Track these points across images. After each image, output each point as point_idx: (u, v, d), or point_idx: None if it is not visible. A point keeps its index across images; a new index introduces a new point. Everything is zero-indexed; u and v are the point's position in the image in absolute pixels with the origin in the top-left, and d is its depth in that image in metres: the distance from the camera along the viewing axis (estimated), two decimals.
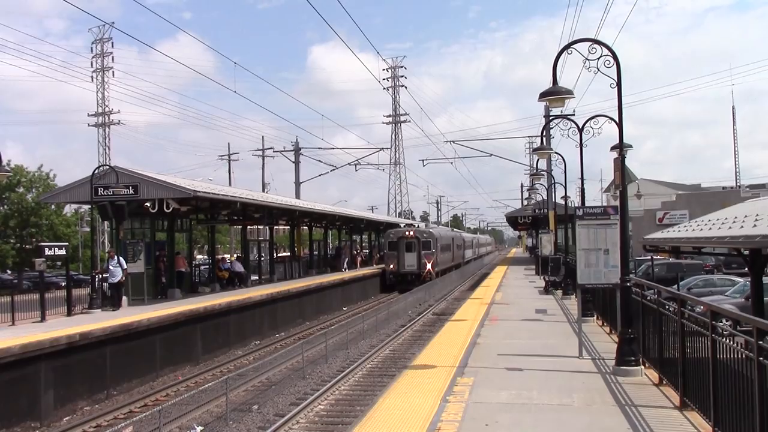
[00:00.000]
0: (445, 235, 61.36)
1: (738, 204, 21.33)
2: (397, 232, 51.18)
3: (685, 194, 71.16)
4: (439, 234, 55.36)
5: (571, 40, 12.52)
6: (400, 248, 49.74)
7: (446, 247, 58.75)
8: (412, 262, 49.64)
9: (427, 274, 49.33)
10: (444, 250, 56.96)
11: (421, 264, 49.49)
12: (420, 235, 50.52)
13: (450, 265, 61.12)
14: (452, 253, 63.69)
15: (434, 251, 50.48)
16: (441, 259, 54.18)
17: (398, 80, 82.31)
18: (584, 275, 13.06)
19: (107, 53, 65.21)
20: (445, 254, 57.40)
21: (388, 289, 49.30)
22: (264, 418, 14.84)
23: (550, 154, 28.03)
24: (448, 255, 60.14)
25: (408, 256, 49.76)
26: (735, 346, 7.08)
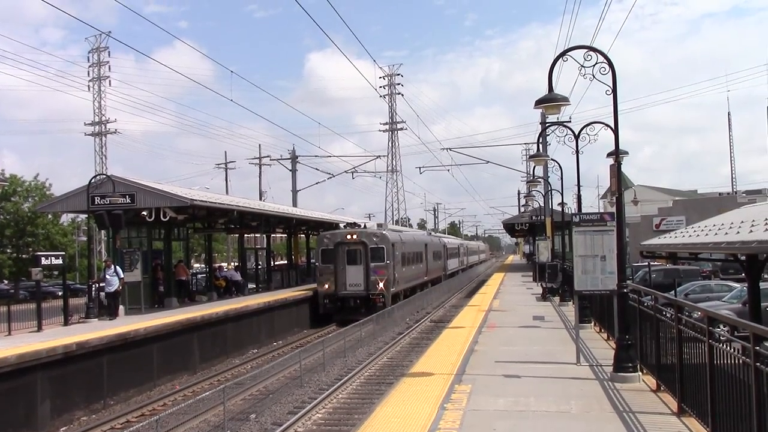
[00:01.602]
0: (410, 239, 44.56)
1: (734, 210, 21.37)
2: (333, 236, 35.91)
3: (681, 200, 71.30)
4: (399, 238, 39.36)
5: (567, 48, 12.57)
6: (338, 259, 34.89)
7: (413, 257, 43.20)
8: (357, 280, 34.97)
9: (379, 296, 34.73)
10: (409, 261, 41.58)
11: (370, 282, 34.84)
12: (368, 240, 35.31)
13: (421, 281, 46.46)
14: (424, 264, 47.91)
15: (390, 262, 35.48)
16: (403, 273, 39.25)
17: (395, 88, 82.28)
18: (581, 282, 13.05)
19: (104, 62, 65.20)
20: (410, 267, 42.07)
21: (321, 319, 34.76)
22: (262, 427, 14.79)
23: (547, 161, 28.14)
24: (416, 268, 44.57)
25: (351, 271, 35.03)
26: (732, 352, 7.08)
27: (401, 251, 38.43)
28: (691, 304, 11.39)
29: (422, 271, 47.01)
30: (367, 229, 37.44)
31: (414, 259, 43.45)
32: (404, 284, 39.67)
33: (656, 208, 66.30)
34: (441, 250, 57.57)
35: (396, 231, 43.65)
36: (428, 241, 51.64)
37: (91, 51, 64.76)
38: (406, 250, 40.69)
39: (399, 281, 37.69)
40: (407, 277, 40.93)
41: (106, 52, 64.90)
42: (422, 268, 46.90)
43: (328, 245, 35.33)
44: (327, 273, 34.95)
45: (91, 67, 65.13)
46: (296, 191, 61.59)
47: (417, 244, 46.44)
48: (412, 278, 43.00)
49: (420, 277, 46.01)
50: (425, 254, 48.21)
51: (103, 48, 64.41)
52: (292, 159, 61.70)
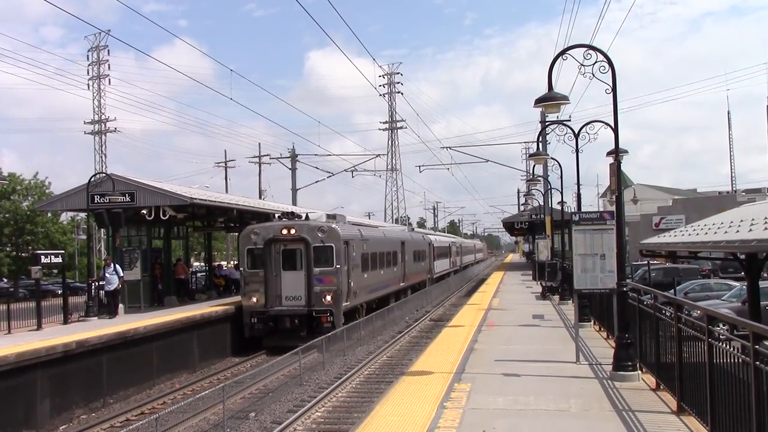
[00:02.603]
0: (377, 236, 34.92)
1: (734, 209, 21.37)
2: (263, 231, 26.42)
3: (681, 199, 71.28)
4: (357, 234, 29.91)
5: (567, 46, 12.56)
6: (270, 262, 25.66)
7: (381, 258, 33.94)
8: (295, 291, 25.75)
9: (326, 314, 25.30)
10: (374, 263, 32.18)
11: (314, 294, 25.38)
12: (311, 236, 25.79)
13: (395, 289, 37.56)
14: (400, 267, 38.81)
15: (342, 266, 26.20)
16: (364, 281, 29.91)
17: (394, 86, 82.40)
18: (581, 280, 13.06)
19: (103, 61, 65.18)
20: (376, 272, 32.61)
21: (248, 344, 25.85)
22: (261, 426, 14.79)
23: (547, 159, 28.13)
24: (386, 272, 35.16)
25: (287, 279, 25.97)
26: (732, 351, 7.08)
27: (361, 251, 29.25)
28: (691, 303, 11.40)
29: (396, 276, 37.77)
30: (310, 221, 26.94)
31: (383, 261, 34.07)
32: (366, 295, 30.20)
33: (656, 207, 66.32)
34: (425, 250, 48.99)
35: (356, 225, 34.21)
36: (406, 239, 42.28)
37: (91, 49, 64.76)
38: (370, 249, 31.17)
39: (357, 291, 28.18)
40: (371, 286, 31.09)
41: (105, 50, 64.91)
42: (396, 272, 37.69)
43: (256, 243, 25.96)
44: (255, 282, 25.74)
45: (91, 65, 65.14)
46: (296, 190, 61.53)
47: (388, 241, 36.70)
48: (380, 286, 33.47)
49: (393, 284, 36.79)
50: (401, 254, 39.23)
51: (103, 46, 64.42)
52: (291, 158, 61.64)
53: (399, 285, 38.63)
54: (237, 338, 25.94)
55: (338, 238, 26.20)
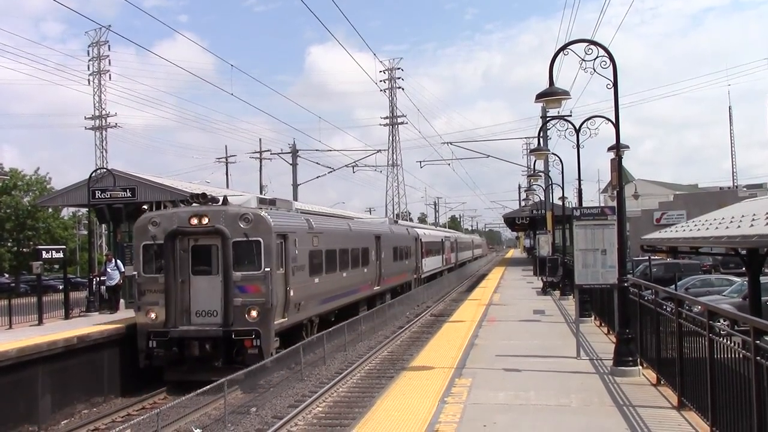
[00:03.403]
0: (333, 228, 26.52)
1: (735, 204, 21.36)
2: (166, 220, 19.34)
3: (682, 194, 71.27)
4: (302, 224, 22.32)
5: (568, 41, 12.55)
6: (174, 263, 18.73)
7: (343, 257, 26.55)
8: (210, 304, 18.93)
9: (250, 336, 18.35)
10: (331, 264, 24.75)
11: (233, 308, 18.37)
12: (230, 226, 18.78)
13: (364, 295, 30.46)
14: (373, 267, 31.66)
15: (276, 269, 19.16)
16: (314, 288, 22.61)
17: (395, 82, 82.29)
18: (582, 276, 13.08)
19: (104, 56, 65.20)
20: (335, 275, 25.20)
21: (146, 377, 19.00)
22: (262, 421, 14.81)
23: (548, 155, 28.14)
24: (350, 275, 27.41)
25: (197, 287, 19.15)
26: (732, 346, 7.09)
27: (309, 248, 21.91)
28: (692, 298, 11.38)
29: (368, 279, 30.43)
30: (228, 206, 19.35)
31: (346, 260, 26.71)
32: (318, 307, 23.05)
33: (657, 203, 66.31)
34: (410, 246, 41.71)
35: (307, 213, 26.41)
36: (383, 232, 34.32)
37: (91, 45, 64.79)
38: (325, 245, 23.75)
39: (303, 303, 20.97)
40: (327, 293, 23.82)
41: (106, 46, 64.93)
42: (367, 273, 30.11)
43: (155, 237, 18.91)
44: (153, 291, 18.76)
45: (91, 61, 65.15)
46: (297, 185, 61.52)
47: (354, 236, 28.85)
48: (341, 293, 25.86)
49: (363, 288, 29.66)
50: (375, 252, 31.81)
51: (103, 42, 64.42)
52: (292, 153, 61.61)
53: (372, 289, 31.50)
54: (130, 369, 18.88)
55: (268, 231, 18.63)
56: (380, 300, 33.35)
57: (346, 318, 25.21)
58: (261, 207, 20.49)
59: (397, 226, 42.52)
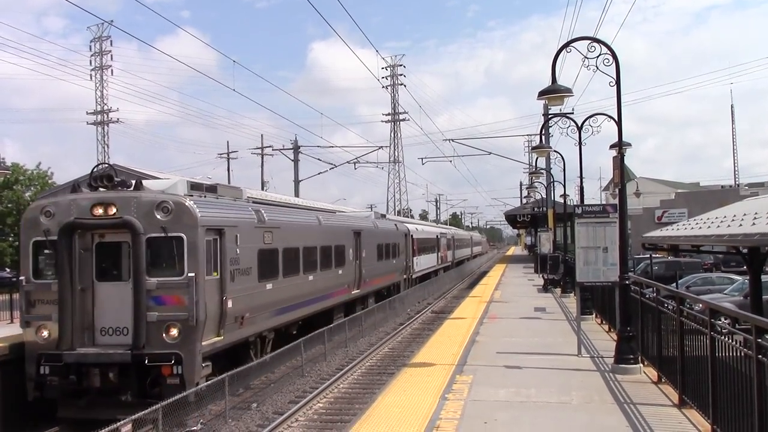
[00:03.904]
0: (293, 222, 21.10)
1: (737, 202, 21.36)
2: (64, 209, 14.61)
3: (684, 193, 71.24)
4: (244, 217, 16.97)
5: (571, 39, 12.54)
6: (69, 265, 14.12)
7: (297, 257, 20.53)
8: (118, 320, 14.29)
9: (169, 362, 13.73)
10: (286, 266, 19.34)
11: (145, 325, 13.72)
12: (143, 218, 14.14)
13: (336, 303, 25.15)
14: (352, 268, 27.26)
15: (200, 275, 14.18)
16: (262, 296, 17.44)
17: (397, 79, 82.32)
18: (583, 273, 13.08)
19: (106, 51, 65.22)
20: (290, 280, 19.65)
21: (35, 410, 14.58)
22: (263, 416, 14.82)
23: (549, 152, 28.10)
24: (317, 279, 22.41)
25: (103, 296, 14.55)
26: (734, 344, 7.09)
27: (259, 245, 17.36)
28: (693, 296, 11.40)
29: (344, 282, 25.69)
30: (142, 192, 14.92)
31: (313, 260, 21.92)
32: (271, 319, 18.28)
33: (658, 201, 66.28)
34: (399, 243, 37.37)
35: (260, 203, 20.90)
36: (364, 228, 29.71)
37: (94, 40, 64.81)
38: (281, 243, 18.82)
39: (249, 315, 16.52)
40: (284, 301, 19.07)
41: (108, 41, 64.94)
42: (343, 275, 25.52)
43: (47, 231, 14.67)
44: (44, 301, 14.62)
45: (93, 56, 65.19)
46: (298, 181, 61.52)
47: (324, 231, 23.65)
48: (307, 299, 20.99)
49: (337, 293, 24.78)
50: (354, 250, 27.26)
51: (106, 37, 64.47)
52: (294, 149, 61.58)
53: (350, 293, 26.81)
54: (18, 401, 14.51)
55: (194, 224, 14.13)
56: (362, 305, 29.10)
57: (316, 328, 21.21)
58: (192, 194, 15.40)
59: (384, 221, 37.21)
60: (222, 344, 15.20)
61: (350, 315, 25.91)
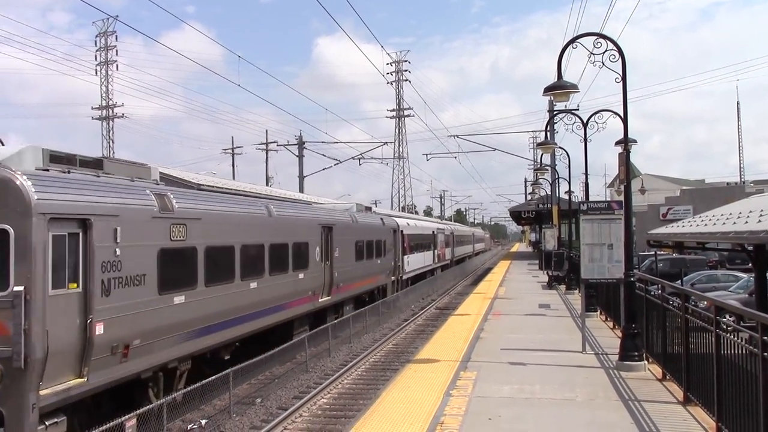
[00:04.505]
0: (222, 213, 15.52)
1: (742, 200, 21.31)
2: None
3: (689, 190, 71.02)
4: (134, 201, 12.06)
5: (577, 35, 12.51)
6: None
7: (231, 258, 15.63)
8: None
9: None
10: (214, 271, 14.56)
11: None
12: None
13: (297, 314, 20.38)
14: (319, 271, 22.02)
15: (39, 288, 9.58)
16: (157, 316, 12.31)
17: (402, 74, 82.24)
18: (588, 270, 13.08)
19: (111, 46, 65.19)
20: (221, 288, 14.90)
21: None
22: (267, 411, 14.85)
23: (554, 148, 28.07)
24: (265, 286, 17.39)
25: None
26: (739, 342, 7.08)
27: (159, 243, 12.64)
28: (699, 294, 11.38)
29: (305, 288, 20.76)
30: None
31: (254, 263, 17.10)
32: (179, 346, 13.37)
33: (663, 198, 66.13)
34: (385, 239, 32.46)
35: (177, 186, 17.83)
36: (335, 221, 24.42)
37: (99, 35, 64.75)
38: (200, 239, 14.14)
39: (132, 345, 11.60)
40: (202, 320, 14.16)
41: (113, 36, 64.90)
42: (304, 281, 20.52)
43: None
44: None
45: (99, 51, 65.14)
46: (303, 177, 61.56)
47: (273, 224, 18.61)
48: (242, 314, 16.30)
49: (292, 304, 19.70)
50: (322, 248, 22.41)
51: (111, 32, 64.38)
52: (298, 145, 61.62)
53: (317, 301, 21.95)
54: None
55: (26, 211, 9.72)
56: (335, 314, 24.72)
57: (267, 346, 17.51)
58: (49, 167, 11.18)
59: (367, 215, 31.32)
60: (86, 388, 10.60)
61: (320, 327, 21.74)
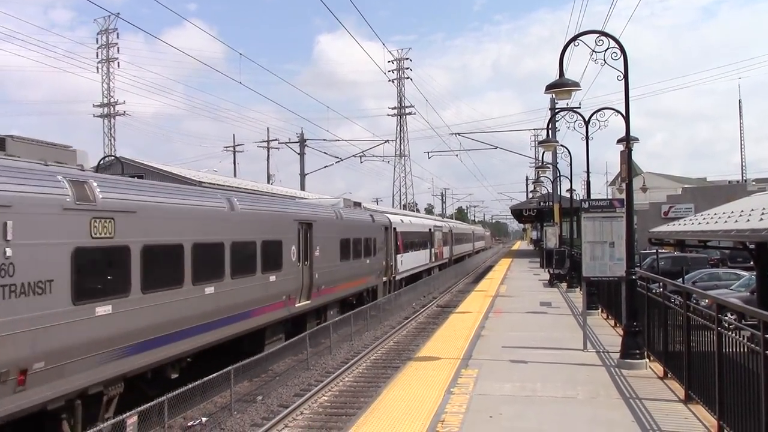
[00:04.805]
0: (162, 204, 12.99)
1: (744, 198, 21.29)
2: None
3: (690, 188, 70.93)
4: None
5: (578, 32, 12.49)
6: None
7: (176, 262, 13.35)
8: None
9: None
10: (144, 276, 11.99)
11: None
12: None
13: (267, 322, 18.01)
14: (294, 273, 19.63)
15: None
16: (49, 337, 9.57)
17: (404, 72, 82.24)
18: (589, 268, 13.07)
19: (112, 44, 65.37)
20: (153, 299, 12.31)
21: None
22: (268, 409, 14.85)
23: (556, 146, 28.05)
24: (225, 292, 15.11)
25: None
26: (741, 340, 7.07)
27: (75, 241, 10.35)
28: (700, 291, 11.36)
29: (279, 292, 18.49)
30: None
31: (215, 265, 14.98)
32: (101, 367, 10.93)
33: (665, 196, 66.05)
34: (376, 237, 30.23)
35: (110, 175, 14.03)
36: (315, 217, 21.81)
37: (100, 32, 64.88)
38: (132, 236, 11.84)
39: (30, 370, 9.28)
40: (132, 335, 11.75)
41: (114, 33, 65.03)
42: (277, 283, 18.21)
43: None
44: None
45: (100, 48, 65.30)
46: (304, 175, 61.58)
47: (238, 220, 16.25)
48: (196, 324, 14.01)
49: (264, 311, 17.65)
50: (295, 248, 19.72)
51: (112, 29, 64.55)
52: (300, 142, 61.63)
53: (293, 306, 19.53)
54: None
55: None
56: (318, 319, 22.52)
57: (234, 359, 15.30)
58: None
59: (355, 211, 28.76)
60: None
61: (290, 340, 19.04)
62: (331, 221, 23.86)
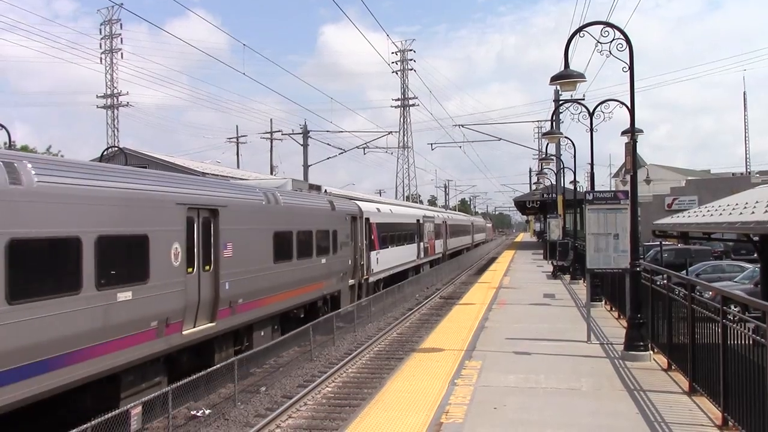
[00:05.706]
0: None
1: (748, 190, 21.24)
2: None
3: (694, 180, 70.78)
4: None
5: (584, 23, 12.44)
6: None
7: None
8: None
9: None
10: None
11: None
12: None
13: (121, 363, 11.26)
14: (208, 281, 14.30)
15: None
16: None
17: (407, 63, 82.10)
18: (594, 260, 13.07)
19: (116, 34, 65.26)
20: None
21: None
22: (272, 400, 14.89)
23: (560, 138, 27.98)
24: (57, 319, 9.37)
25: None
26: (745, 332, 7.06)
27: None
28: (705, 283, 11.36)
29: (142, 318, 11.78)
30: None
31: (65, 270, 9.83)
32: None
33: (669, 188, 65.92)
34: (341, 230, 24.31)
35: None
36: (225, 203, 15.10)
37: (104, 23, 64.83)
38: None
39: None
40: None
41: (118, 24, 64.96)
42: (138, 306, 11.57)
43: None
44: None
45: (103, 39, 65.23)
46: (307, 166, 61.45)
47: (23, 201, 9.08)
48: None
49: (82, 354, 10.13)
50: (180, 246, 13.03)
51: (116, 20, 64.46)
52: (303, 134, 61.45)
53: (176, 335, 13.16)
54: None
55: None
56: (238, 345, 16.79)
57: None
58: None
59: (304, 195, 22.24)
60: None
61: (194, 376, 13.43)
62: (255, 207, 17.08)
